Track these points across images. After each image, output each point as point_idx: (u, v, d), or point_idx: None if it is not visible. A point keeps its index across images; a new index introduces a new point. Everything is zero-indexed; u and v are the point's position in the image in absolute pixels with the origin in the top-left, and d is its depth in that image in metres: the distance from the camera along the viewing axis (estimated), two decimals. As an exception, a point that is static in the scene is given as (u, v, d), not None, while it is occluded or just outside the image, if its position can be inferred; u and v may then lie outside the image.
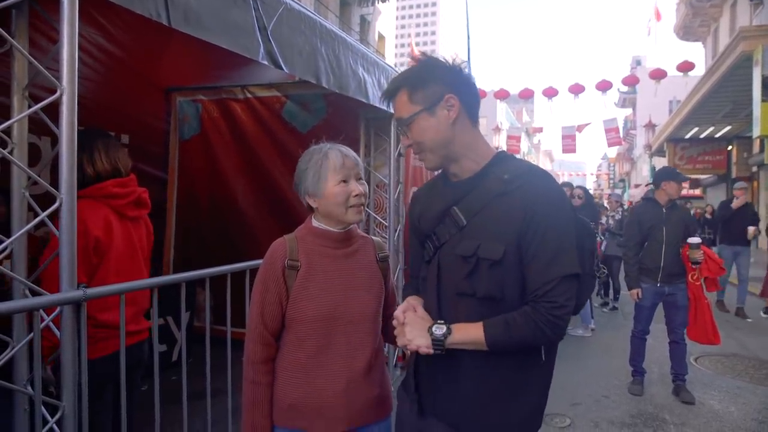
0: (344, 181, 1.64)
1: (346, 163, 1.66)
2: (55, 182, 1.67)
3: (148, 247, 2.58)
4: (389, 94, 1.49)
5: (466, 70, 1.47)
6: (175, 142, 5.17)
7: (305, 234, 1.71)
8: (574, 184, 7.35)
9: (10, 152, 1.67)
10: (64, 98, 1.61)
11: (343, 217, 1.66)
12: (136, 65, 4.24)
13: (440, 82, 1.42)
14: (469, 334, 1.36)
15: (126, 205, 2.33)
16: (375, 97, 3.49)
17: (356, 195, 1.65)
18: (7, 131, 1.68)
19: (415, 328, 1.40)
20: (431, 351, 1.36)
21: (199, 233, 5.22)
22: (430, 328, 1.38)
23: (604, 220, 8.30)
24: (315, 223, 1.71)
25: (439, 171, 1.59)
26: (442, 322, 1.39)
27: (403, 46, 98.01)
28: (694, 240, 4.33)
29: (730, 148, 16.16)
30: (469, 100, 1.45)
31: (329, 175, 1.64)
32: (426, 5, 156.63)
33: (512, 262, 1.34)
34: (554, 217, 1.34)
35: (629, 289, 4.63)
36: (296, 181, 1.72)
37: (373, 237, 1.86)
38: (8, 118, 1.67)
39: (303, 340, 1.63)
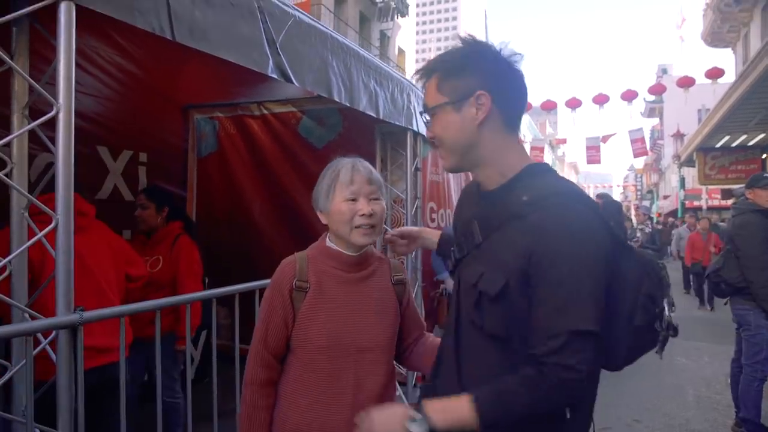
0: (352, 200, 1.54)
1: (355, 179, 1.55)
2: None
3: (113, 254, 2.48)
4: (423, 76, 1.30)
5: (517, 65, 1.25)
6: (193, 159, 5.18)
7: (317, 253, 1.62)
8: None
9: (9, 173, 1.64)
10: (61, 115, 1.58)
11: (348, 237, 1.55)
12: (155, 83, 4.26)
13: (476, 75, 1.21)
14: (455, 415, 1.10)
15: None
16: (386, 112, 3.41)
17: (362, 215, 1.52)
18: (7, 151, 1.65)
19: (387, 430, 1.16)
20: None
21: (217, 250, 5.19)
22: (406, 426, 1.12)
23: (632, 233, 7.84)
24: (328, 242, 1.62)
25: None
26: (419, 415, 1.12)
27: (423, 60, 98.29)
28: None
29: (764, 156, 15.62)
30: (508, 101, 1.24)
31: (337, 192, 1.55)
32: (446, 20, 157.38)
33: (516, 300, 1.12)
34: (567, 256, 1.08)
35: None
36: (313, 197, 1.65)
37: (390, 258, 1.76)
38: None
39: (308, 365, 1.54)
